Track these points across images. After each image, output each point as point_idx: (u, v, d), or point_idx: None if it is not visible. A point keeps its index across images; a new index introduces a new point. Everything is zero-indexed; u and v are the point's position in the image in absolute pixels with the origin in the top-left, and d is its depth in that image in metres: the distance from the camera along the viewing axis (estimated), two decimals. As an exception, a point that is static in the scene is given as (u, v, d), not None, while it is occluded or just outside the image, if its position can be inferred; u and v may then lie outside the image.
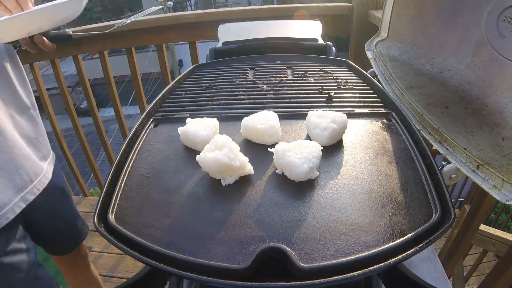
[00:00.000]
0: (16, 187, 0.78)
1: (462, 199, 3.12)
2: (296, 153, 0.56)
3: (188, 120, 0.69)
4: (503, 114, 0.76)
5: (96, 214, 0.52)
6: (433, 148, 0.75)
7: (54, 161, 0.96)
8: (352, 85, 0.91)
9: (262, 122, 0.66)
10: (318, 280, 0.41)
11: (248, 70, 1.03)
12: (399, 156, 0.63)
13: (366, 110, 0.79)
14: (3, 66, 0.77)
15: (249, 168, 0.58)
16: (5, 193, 0.75)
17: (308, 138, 0.69)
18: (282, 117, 0.74)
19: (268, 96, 0.87)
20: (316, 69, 1.01)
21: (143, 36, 1.63)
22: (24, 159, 0.80)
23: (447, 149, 0.72)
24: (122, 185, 0.59)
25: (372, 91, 0.88)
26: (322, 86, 0.91)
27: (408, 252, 0.44)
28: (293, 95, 0.87)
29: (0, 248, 0.75)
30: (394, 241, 0.46)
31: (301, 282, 0.42)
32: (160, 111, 0.84)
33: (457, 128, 0.75)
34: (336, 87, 0.90)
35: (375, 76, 1.03)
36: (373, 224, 0.49)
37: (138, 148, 0.69)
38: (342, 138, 0.68)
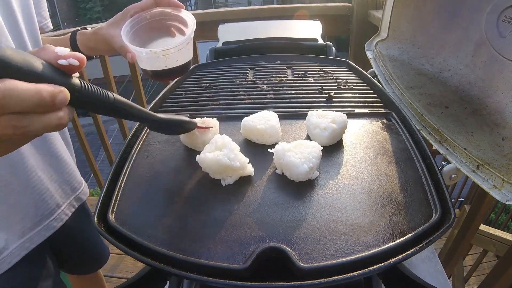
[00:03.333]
0: (67, 193, 0.80)
1: (462, 199, 3.12)
2: (296, 153, 0.56)
3: None
4: (503, 114, 0.76)
5: (96, 214, 0.52)
6: (433, 148, 0.75)
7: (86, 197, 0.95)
8: (352, 85, 0.91)
9: (262, 122, 0.66)
10: (318, 280, 0.41)
11: (248, 70, 1.03)
12: (399, 156, 0.63)
13: (366, 110, 0.79)
14: None
15: (250, 170, 0.58)
16: (56, 198, 0.76)
17: (308, 138, 0.69)
18: (282, 117, 0.74)
19: (268, 96, 0.87)
20: (316, 69, 1.01)
21: (143, 36, 1.63)
22: (72, 166, 0.81)
23: (447, 149, 0.72)
24: (122, 185, 0.59)
25: (372, 91, 0.88)
26: (322, 86, 0.91)
27: (408, 252, 0.44)
28: (293, 95, 0.87)
29: (33, 265, 0.74)
30: (394, 241, 0.46)
31: (301, 282, 0.42)
32: (160, 111, 0.84)
33: (457, 128, 0.75)
34: (336, 87, 0.90)
35: (375, 76, 1.03)
36: (373, 224, 0.49)
37: (138, 148, 0.69)
38: (342, 138, 0.68)
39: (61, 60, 0.34)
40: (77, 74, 0.37)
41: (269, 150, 0.60)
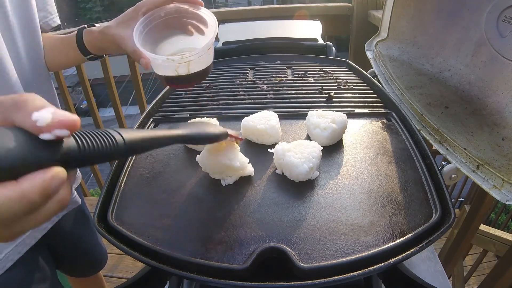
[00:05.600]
0: None
1: (462, 199, 3.12)
2: (296, 153, 0.56)
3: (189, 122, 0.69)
4: (503, 114, 0.76)
5: (96, 214, 0.52)
6: (433, 148, 0.75)
7: (79, 181, 0.92)
8: (352, 85, 0.91)
9: (262, 122, 0.66)
10: (318, 280, 0.41)
11: (248, 70, 1.03)
12: (399, 156, 0.63)
13: (366, 110, 0.79)
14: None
15: (250, 170, 0.58)
16: None
17: (308, 138, 0.69)
18: (282, 117, 0.74)
19: (268, 96, 0.87)
20: (316, 69, 1.01)
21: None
22: None
23: (447, 149, 0.72)
24: (122, 185, 0.59)
25: (372, 91, 0.88)
26: (322, 86, 0.91)
27: (408, 252, 0.44)
28: (293, 95, 0.87)
29: (28, 268, 0.73)
30: (394, 241, 0.46)
31: (301, 282, 0.42)
32: (160, 111, 0.84)
33: (457, 128, 0.75)
34: (336, 87, 0.90)
35: (375, 76, 1.03)
36: (373, 224, 0.49)
37: (138, 148, 0.69)
38: (342, 138, 0.68)
39: (44, 135, 0.24)
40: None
41: (269, 150, 0.60)
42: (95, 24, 0.71)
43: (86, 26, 0.72)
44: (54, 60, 0.76)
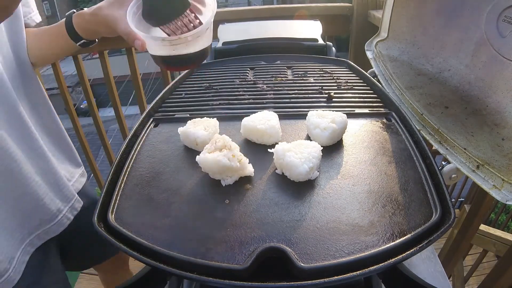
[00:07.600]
0: (67, 196, 0.77)
1: (462, 199, 3.12)
2: (296, 153, 0.56)
3: (189, 122, 0.70)
4: (503, 114, 0.76)
5: (96, 214, 0.52)
6: (433, 148, 0.75)
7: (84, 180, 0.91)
8: (352, 85, 0.91)
9: (262, 122, 0.66)
10: (318, 280, 0.41)
11: (248, 70, 1.03)
12: (399, 156, 0.63)
13: (366, 110, 0.79)
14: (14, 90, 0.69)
15: (250, 170, 0.58)
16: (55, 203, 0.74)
17: (308, 138, 0.69)
18: (282, 117, 0.74)
19: (268, 96, 0.87)
20: (316, 69, 1.01)
21: (143, 36, 1.62)
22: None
23: (447, 149, 0.72)
24: (122, 185, 0.59)
25: (372, 91, 0.88)
26: (322, 86, 0.91)
27: (408, 252, 0.44)
28: (293, 95, 0.87)
29: (40, 272, 0.72)
30: (394, 241, 0.46)
31: (301, 282, 0.42)
32: (160, 111, 0.84)
33: (457, 128, 0.75)
34: (336, 87, 0.90)
35: (375, 76, 1.03)
36: (373, 224, 0.49)
37: (138, 148, 0.69)
38: (342, 138, 0.68)
39: None
40: None
41: (269, 150, 0.60)
42: (84, 8, 0.68)
43: (75, 10, 0.69)
44: (42, 54, 0.72)
